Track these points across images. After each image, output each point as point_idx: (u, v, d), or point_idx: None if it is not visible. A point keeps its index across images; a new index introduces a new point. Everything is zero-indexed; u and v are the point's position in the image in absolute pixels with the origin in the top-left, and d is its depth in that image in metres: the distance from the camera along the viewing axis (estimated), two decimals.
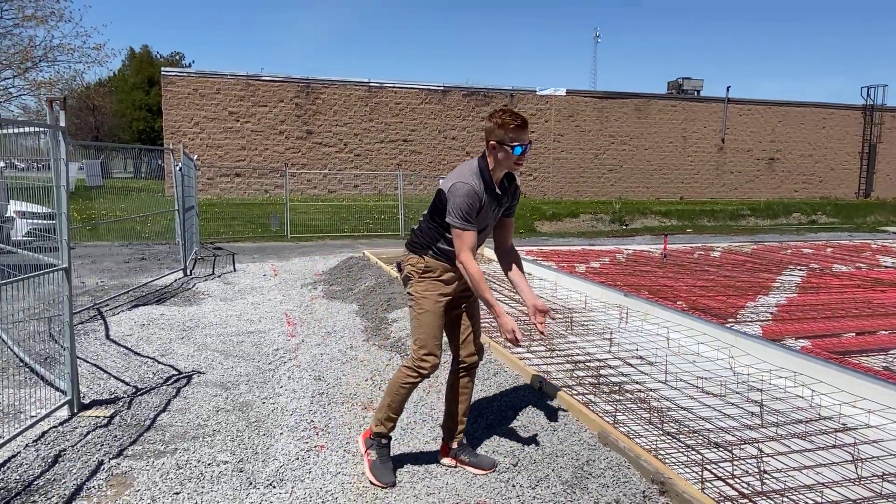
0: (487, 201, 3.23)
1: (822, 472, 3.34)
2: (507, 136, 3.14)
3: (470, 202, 3.14)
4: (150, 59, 47.41)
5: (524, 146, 3.16)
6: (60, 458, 3.54)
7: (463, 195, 3.13)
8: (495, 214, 3.36)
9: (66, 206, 4.09)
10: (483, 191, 3.19)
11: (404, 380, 3.32)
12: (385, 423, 3.39)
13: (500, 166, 3.24)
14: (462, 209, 3.13)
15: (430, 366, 3.28)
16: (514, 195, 3.45)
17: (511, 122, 3.14)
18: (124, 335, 6.09)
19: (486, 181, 3.21)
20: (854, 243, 14.20)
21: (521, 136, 3.15)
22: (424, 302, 3.31)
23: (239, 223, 17.23)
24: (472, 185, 3.16)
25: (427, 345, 3.27)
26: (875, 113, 29.99)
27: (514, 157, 3.18)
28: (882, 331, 6.06)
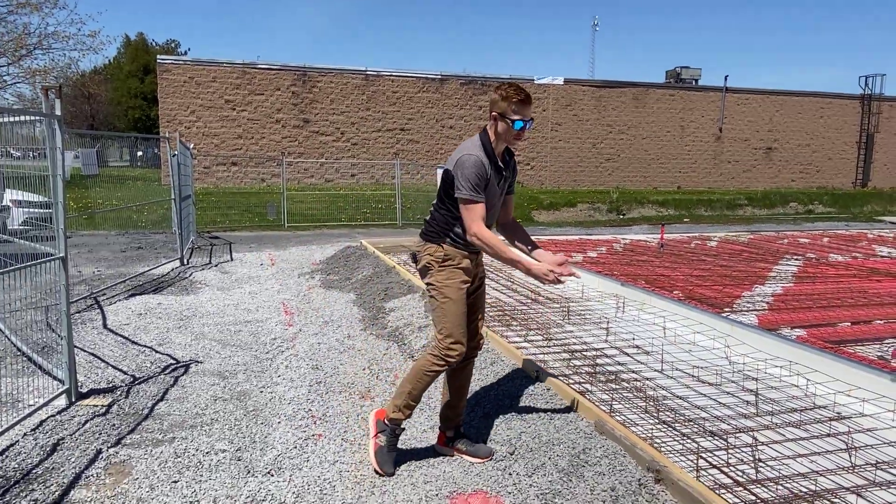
0: (493, 174, 3.24)
1: (816, 460, 3.36)
2: (509, 109, 3.15)
3: (478, 172, 3.15)
4: (145, 47, 47.11)
5: (525, 122, 3.17)
6: (59, 447, 3.55)
7: (471, 165, 3.14)
8: (501, 189, 3.36)
9: (63, 196, 4.07)
10: (486, 161, 3.20)
11: (430, 367, 3.26)
12: (403, 409, 3.33)
13: (500, 140, 3.25)
14: (470, 180, 3.13)
15: (457, 354, 3.24)
16: (514, 170, 3.46)
17: (514, 96, 3.15)
18: (121, 324, 6.09)
19: (489, 153, 3.23)
20: (850, 233, 14.23)
21: (523, 111, 3.16)
22: (448, 290, 3.27)
23: (235, 212, 17.19)
24: (478, 156, 3.17)
25: (454, 333, 3.24)
26: (873, 102, 29.96)
27: (514, 132, 3.19)
28: (877, 320, 6.09)
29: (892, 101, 30.43)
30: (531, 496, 3.05)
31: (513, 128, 3.17)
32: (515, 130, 3.18)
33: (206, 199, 18.21)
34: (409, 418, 3.40)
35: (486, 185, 3.19)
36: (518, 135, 3.20)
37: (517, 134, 3.20)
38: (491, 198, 3.26)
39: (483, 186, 3.18)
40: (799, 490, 3.04)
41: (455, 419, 3.53)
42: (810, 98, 29.57)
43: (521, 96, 3.15)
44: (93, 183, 16.08)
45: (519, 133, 3.19)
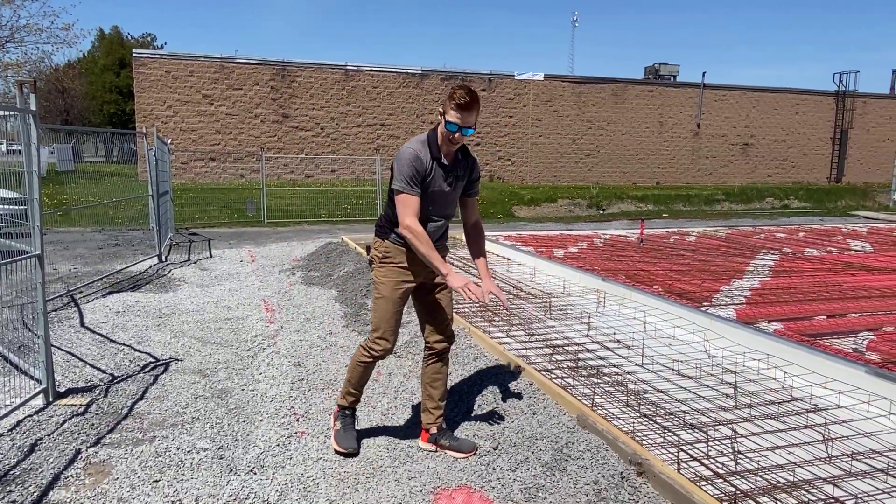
0: (436, 171, 3.26)
1: (794, 451, 3.42)
2: (448, 109, 3.18)
3: (414, 166, 3.19)
4: (120, 41, 46.35)
5: (459, 127, 3.17)
6: (37, 448, 3.50)
7: (406, 158, 3.19)
8: (452, 188, 3.36)
9: (38, 192, 4.01)
10: (429, 159, 3.23)
11: (360, 358, 3.48)
12: (347, 396, 3.58)
13: (443, 140, 3.27)
14: (404, 172, 3.19)
15: (381, 349, 3.40)
16: (471, 171, 3.45)
17: (457, 98, 3.16)
18: (99, 322, 6.01)
19: (433, 150, 3.25)
20: (825, 227, 14.46)
21: (461, 115, 3.16)
22: (382, 287, 3.37)
23: (214, 208, 17.03)
24: (416, 150, 3.22)
25: (380, 328, 3.38)
26: (847, 99, 30.43)
27: (447, 133, 3.21)
28: (852, 313, 6.20)
29: (865, 98, 30.93)
30: (515, 490, 3.07)
31: (446, 128, 3.19)
32: (448, 131, 3.20)
33: (185, 195, 18.01)
34: (355, 403, 3.61)
35: (423, 179, 3.22)
36: (451, 136, 3.21)
37: (450, 136, 3.21)
38: (434, 194, 3.29)
39: (419, 180, 3.21)
40: (777, 481, 3.09)
41: (436, 415, 3.55)
42: (786, 94, 29.96)
43: (463, 100, 3.14)
44: (68, 179, 15.81)
45: (451, 134, 3.20)
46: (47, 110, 40.68)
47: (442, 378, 3.58)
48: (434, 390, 3.56)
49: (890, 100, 31.73)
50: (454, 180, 3.36)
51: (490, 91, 25.60)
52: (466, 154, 3.43)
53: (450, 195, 3.38)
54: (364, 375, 3.52)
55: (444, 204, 3.38)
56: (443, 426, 3.58)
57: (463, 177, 3.42)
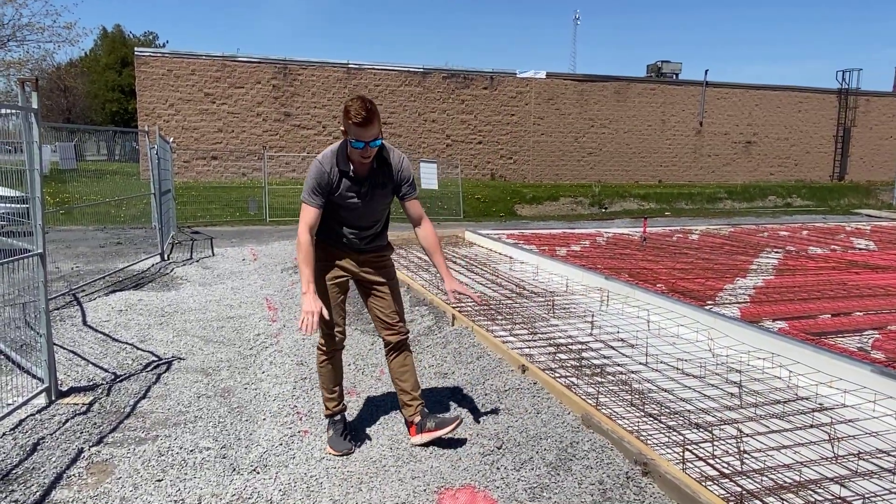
0: (342, 183, 3.30)
1: (800, 451, 3.40)
2: (349, 129, 3.18)
3: (317, 179, 3.27)
4: (122, 39, 46.36)
5: (364, 144, 3.17)
6: (39, 447, 3.49)
7: (312, 171, 3.29)
8: (368, 199, 3.36)
9: (41, 191, 3.99)
10: (334, 171, 3.27)
11: (318, 360, 3.61)
12: (327, 403, 3.63)
13: (350, 156, 3.28)
14: (308, 184, 3.29)
15: (329, 343, 3.55)
16: (393, 176, 3.41)
17: (351, 118, 3.12)
18: (101, 321, 6.00)
19: (340, 162, 3.28)
20: (829, 226, 14.42)
21: (363, 132, 3.13)
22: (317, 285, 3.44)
23: (216, 207, 17.02)
24: (321, 164, 3.28)
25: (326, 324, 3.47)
26: (850, 97, 30.33)
27: (357, 151, 3.21)
28: (857, 312, 6.17)
29: (868, 96, 30.83)
30: (519, 490, 3.05)
31: (354, 146, 3.19)
32: (357, 150, 3.20)
33: (187, 193, 18.01)
34: (338, 407, 3.63)
35: (328, 192, 3.28)
36: (362, 153, 3.21)
37: (360, 152, 3.21)
38: (345, 206, 3.34)
39: (321, 193, 3.27)
40: (784, 481, 3.07)
41: (414, 405, 3.58)
42: (789, 92, 29.87)
43: (359, 118, 3.10)
44: (70, 177, 15.81)
45: (362, 152, 3.21)
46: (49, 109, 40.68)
47: (409, 369, 3.62)
48: (404, 383, 3.60)
49: (893, 97, 31.62)
50: (369, 189, 3.35)
51: (492, 89, 25.56)
52: (382, 162, 3.37)
53: (366, 206, 3.37)
54: (332, 374, 3.59)
55: (360, 215, 3.39)
56: (424, 411, 3.59)
57: (384, 183, 3.40)
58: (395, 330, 3.61)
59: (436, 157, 23.97)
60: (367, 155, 3.24)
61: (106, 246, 10.86)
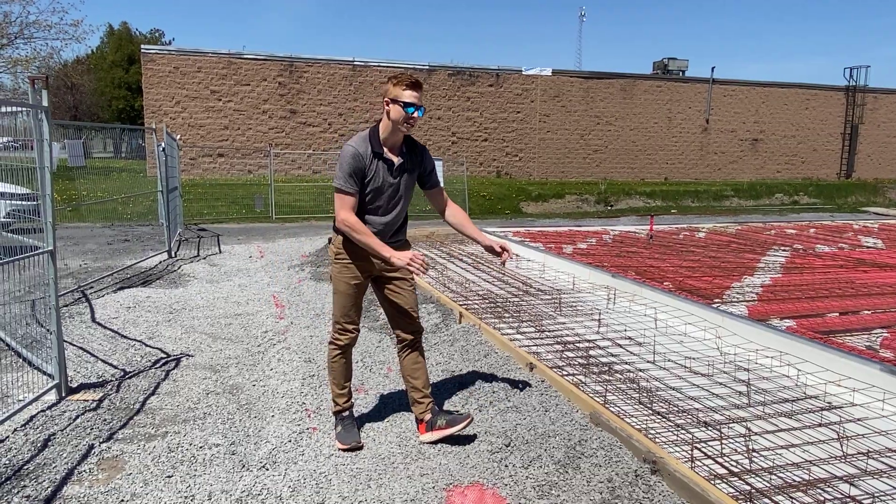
0: (379, 166, 3.31)
1: (808, 449, 3.39)
2: (400, 93, 3.23)
3: (353, 164, 3.25)
4: (129, 37, 46.45)
5: (415, 107, 3.23)
6: (50, 443, 3.51)
7: (346, 156, 3.27)
8: (399, 181, 3.39)
9: (50, 188, 4.01)
10: (369, 154, 3.28)
11: (330, 354, 3.60)
12: (337, 399, 3.63)
13: (393, 128, 3.30)
14: (343, 170, 3.26)
15: (346, 338, 3.53)
16: (420, 162, 3.48)
17: (403, 81, 3.23)
18: (110, 318, 6.03)
19: (375, 145, 3.31)
20: (836, 224, 14.36)
21: (418, 95, 3.24)
22: (336, 283, 3.50)
23: (223, 204, 17.06)
24: (355, 148, 3.28)
25: (340, 321, 3.52)
26: (857, 94, 30.18)
27: (405, 115, 3.24)
28: (865, 310, 6.15)
29: (876, 93, 30.67)
30: (528, 488, 3.06)
31: (404, 110, 3.23)
32: (407, 114, 3.23)
33: (193, 190, 18.05)
34: (348, 403, 3.64)
35: (363, 176, 3.28)
36: (409, 119, 3.25)
37: (408, 117, 3.25)
38: (380, 189, 3.34)
39: (358, 177, 3.27)
40: (793, 479, 3.07)
41: (425, 403, 3.59)
42: (796, 89, 29.74)
43: (412, 79, 3.24)
44: (78, 174, 15.88)
45: (409, 116, 3.24)
46: (56, 106, 40.80)
47: (421, 366, 3.63)
48: (416, 380, 3.61)
49: None
50: (400, 173, 3.39)
51: (497, 86, 25.53)
52: (413, 145, 3.46)
53: (398, 188, 3.41)
54: (344, 370, 3.61)
55: (392, 198, 3.41)
56: (435, 409, 3.60)
57: (413, 169, 3.45)
58: (412, 327, 3.60)
59: (441, 154, 23.95)
60: (414, 122, 3.28)
61: (114, 243, 10.90)
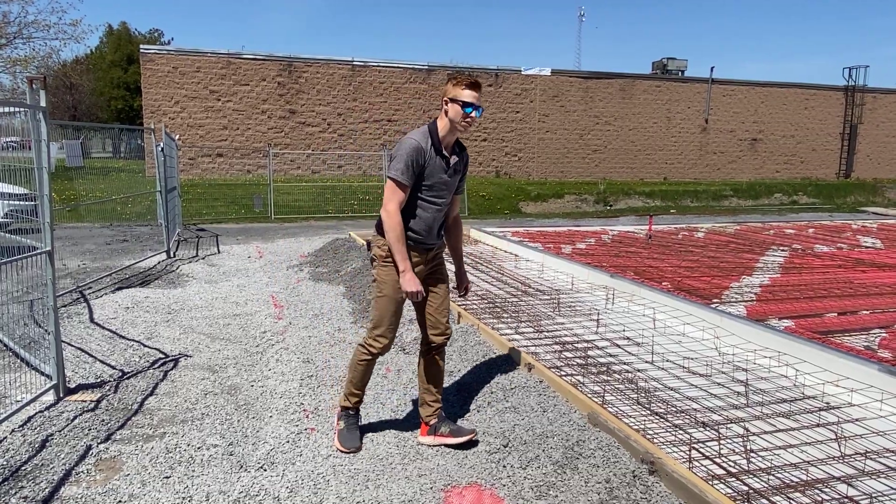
0: (436, 162, 3.32)
1: (806, 450, 3.39)
2: (459, 92, 3.26)
3: (413, 156, 3.24)
4: (128, 36, 46.40)
5: (473, 107, 3.26)
6: (48, 443, 3.51)
7: (407, 148, 3.24)
8: (451, 181, 3.43)
9: (49, 188, 4.01)
10: (430, 149, 3.29)
11: (359, 357, 3.50)
12: (349, 397, 3.57)
13: (450, 128, 3.32)
14: (403, 161, 3.23)
15: (381, 346, 3.44)
16: (464, 167, 3.54)
17: (462, 81, 3.27)
18: (108, 318, 6.02)
19: (435, 142, 3.32)
20: (835, 223, 14.36)
21: (476, 95, 3.27)
22: (384, 286, 3.41)
23: (221, 204, 17.06)
24: (418, 141, 3.27)
25: (381, 326, 3.43)
26: (856, 94, 30.20)
27: (463, 114, 3.26)
28: (863, 310, 6.15)
29: (875, 93, 30.68)
30: (526, 488, 3.06)
31: (462, 110, 3.25)
32: (465, 113, 3.26)
33: (192, 190, 18.04)
34: (358, 403, 3.61)
35: (421, 171, 3.28)
36: (466, 117, 3.27)
37: (465, 116, 3.27)
38: (435, 184, 3.35)
39: (413, 171, 3.26)
40: (791, 480, 3.07)
41: (434, 407, 3.58)
42: (795, 89, 29.75)
43: (471, 80, 3.27)
44: (76, 174, 15.87)
45: (468, 116, 3.27)
46: (55, 106, 40.80)
47: (440, 371, 3.62)
48: (433, 384, 3.60)
49: None
50: (455, 172, 3.43)
51: (497, 86, 25.52)
52: (462, 148, 3.51)
53: (449, 185, 3.44)
54: (366, 374, 3.55)
55: (443, 197, 3.42)
56: (442, 415, 3.60)
57: (460, 170, 3.50)
58: (441, 330, 3.56)
59: None
60: (472, 122, 3.32)
61: (112, 243, 10.90)
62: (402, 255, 3.27)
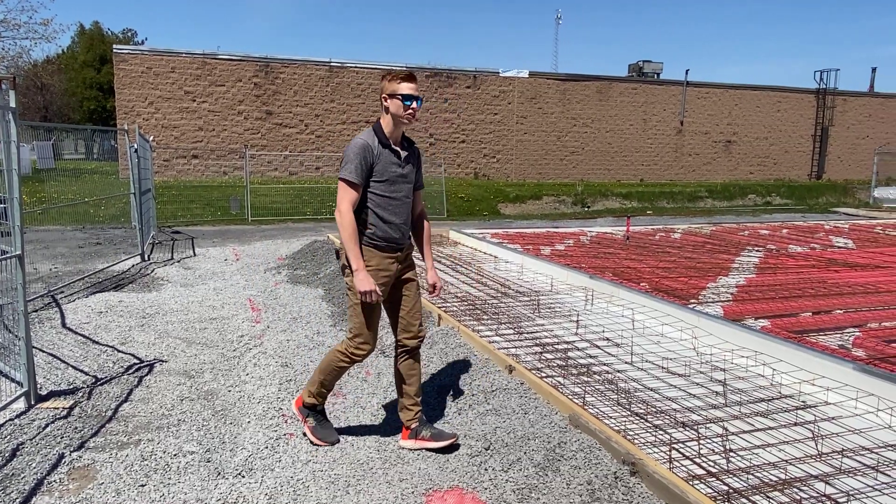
0: (386, 156, 3.36)
1: (784, 449, 3.43)
2: (396, 87, 3.31)
3: (362, 154, 3.28)
4: (101, 36, 45.67)
5: (412, 98, 3.32)
6: (18, 452, 3.42)
7: (355, 148, 3.29)
8: (407, 174, 3.45)
9: (18, 191, 3.92)
10: (377, 145, 3.33)
11: (338, 363, 3.47)
12: (317, 396, 3.57)
13: (395, 123, 3.37)
14: (351, 162, 3.28)
15: (364, 353, 3.45)
16: (417, 161, 3.56)
17: (400, 74, 3.34)
18: (81, 323, 5.90)
19: (381, 138, 3.37)
20: (808, 224, 14.59)
21: (409, 87, 3.32)
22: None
23: (197, 206, 16.85)
24: (364, 140, 3.32)
25: (363, 334, 3.42)
26: (827, 97, 30.75)
27: (404, 107, 3.31)
28: (837, 310, 6.25)
29: (845, 96, 31.26)
30: (507, 491, 3.04)
31: (403, 103, 3.30)
32: (406, 105, 3.30)
33: (167, 192, 17.80)
34: (324, 402, 3.63)
35: (371, 167, 3.31)
36: (408, 110, 3.32)
37: (407, 108, 3.32)
38: (392, 179, 3.38)
39: (366, 168, 3.30)
40: (770, 479, 3.09)
41: (414, 410, 3.56)
42: (768, 92, 30.21)
43: (403, 74, 3.34)
44: (48, 176, 15.55)
45: (409, 108, 3.32)
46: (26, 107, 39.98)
47: (417, 374, 3.60)
48: (410, 387, 3.58)
49: (869, 97, 32.10)
50: (405, 163, 3.45)
51: (475, 88, 25.56)
52: (411, 142, 3.55)
53: (406, 177, 3.45)
54: (339, 377, 3.57)
55: (401, 185, 3.44)
56: (422, 418, 3.58)
57: (415, 163, 3.53)
58: (414, 332, 3.55)
59: None
60: (414, 113, 3.35)
61: (85, 246, 10.70)
62: (356, 254, 3.28)
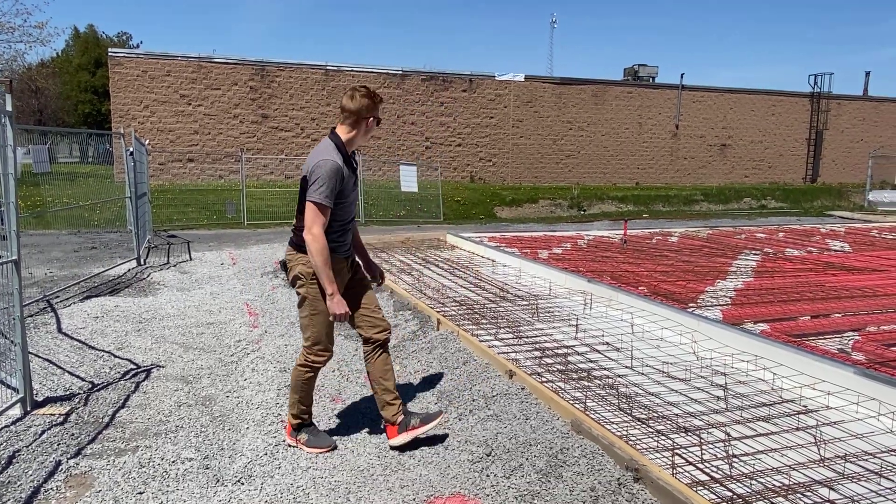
0: (348, 174, 3.42)
1: (787, 454, 3.41)
2: (376, 109, 3.45)
3: (336, 178, 3.32)
4: (96, 40, 45.59)
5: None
6: (15, 460, 3.38)
7: (328, 171, 3.29)
8: (355, 185, 3.55)
9: (14, 195, 3.88)
10: (344, 166, 3.39)
11: (303, 377, 3.52)
12: (300, 415, 3.58)
13: (359, 140, 3.49)
14: (327, 185, 3.29)
15: (323, 360, 3.53)
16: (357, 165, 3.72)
17: (377, 97, 3.47)
18: (77, 328, 5.86)
19: (344, 156, 3.42)
20: (804, 227, 14.62)
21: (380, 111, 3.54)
22: (318, 303, 3.43)
23: (193, 210, 16.78)
24: (335, 162, 3.34)
25: (321, 341, 3.49)
26: (822, 100, 30.86)
27: (372, 129, 3.52)
28: (836, 313, 6.24)
29: (839, 100, 31.38)
30: (510, 498, 3.02)
31: (377, 125, 3.52)
32: (375, 127, 3.52)
33: (162, 196, 17.73)
34: (311, 417, 3.63)
35: (341, 191, 3.37)
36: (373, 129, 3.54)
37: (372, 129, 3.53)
38: (347, 199, 3.45)
39: (337, 192, 3.34)
40: (773, 484, 3.08)
41: (396, 405, 3.55)
42: (763, 96, 30.30)
43: (379, 99, 3.49)
44: (43, 180, 15.49)
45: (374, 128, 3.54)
46: (20, 110, 39.84)
47: (391, 368, 3.62)
48: (388, 381, 3.58)
49: (864, 101, 32.23)
50: (355, 181, 3.56)
51: (471, 92, 25.57)
52: (353, 154, 3.64)
53: (355, 184, 3.56)
54: (312, 387, 3.60)
55: (352, 200, 3.53)
56: (406, 409, 3.59)
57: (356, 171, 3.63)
58: (383, 326, 3.59)
59: (415, 159, 23.89)
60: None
61: (80, 251, 10.64)
62: (330, 279, 3.31)
